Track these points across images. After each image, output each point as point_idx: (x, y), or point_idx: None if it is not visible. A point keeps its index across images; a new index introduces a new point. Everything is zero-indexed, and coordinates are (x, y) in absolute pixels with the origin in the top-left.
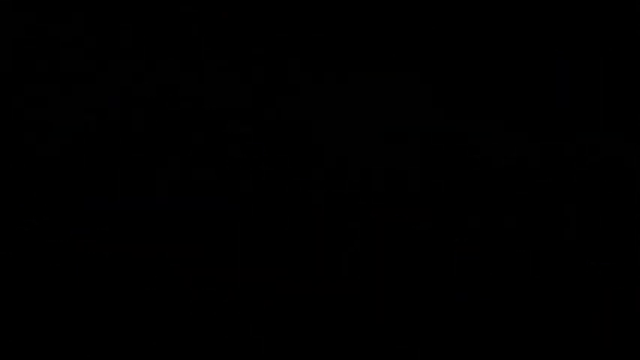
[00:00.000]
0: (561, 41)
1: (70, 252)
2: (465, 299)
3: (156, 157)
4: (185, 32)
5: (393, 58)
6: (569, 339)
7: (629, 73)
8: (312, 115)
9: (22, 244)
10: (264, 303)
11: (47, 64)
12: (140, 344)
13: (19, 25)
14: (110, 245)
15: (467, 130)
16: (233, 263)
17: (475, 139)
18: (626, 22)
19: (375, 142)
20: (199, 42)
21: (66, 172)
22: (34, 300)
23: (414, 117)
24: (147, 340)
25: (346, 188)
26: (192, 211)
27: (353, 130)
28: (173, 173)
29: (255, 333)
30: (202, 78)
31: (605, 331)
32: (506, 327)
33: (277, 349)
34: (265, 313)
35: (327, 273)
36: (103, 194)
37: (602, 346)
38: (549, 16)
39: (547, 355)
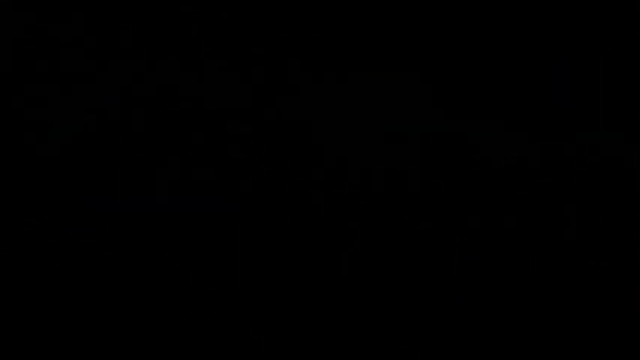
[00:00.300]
0: (561, 41)
1: (70, 252)
2: (465, 299)
3: (156, 157)
4: (185, 32)
5: (393, 58)
6: (569, 339)
7: (629, 73)
8: (312, 115)
9: (22, 244)
10: (264, 303)
11: (47, 64)
12: (140, 344)
13: (19, 25)
14: (110, 245)
15: (467, 130)
16: (233, 263)
17: (475, 139)
18: (626, 22)
19: (375, 142)
20: (199, 42)
21: (66, 172)
22: (35, 300)
23: (414, 117)
24: (147, 340)
25: (346, 188)
26: (192, 211)
27: (353, 130)
28: (173, 173)
29: (255, 333)
30: (202, 78)
31: (605, 331)
32: (507, 327)
33: (277, 349)
34: (265, 313)
35: (327, 273)
36: (103, 194)
37: (602, 346)
38: (549, 16)
39: (547, 355)
